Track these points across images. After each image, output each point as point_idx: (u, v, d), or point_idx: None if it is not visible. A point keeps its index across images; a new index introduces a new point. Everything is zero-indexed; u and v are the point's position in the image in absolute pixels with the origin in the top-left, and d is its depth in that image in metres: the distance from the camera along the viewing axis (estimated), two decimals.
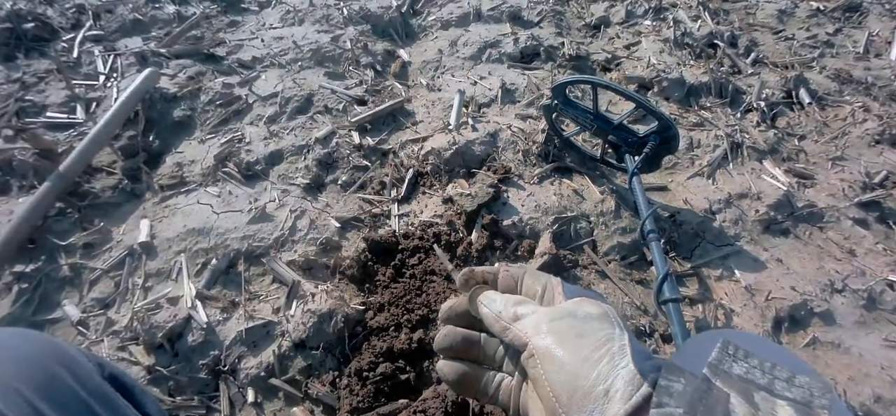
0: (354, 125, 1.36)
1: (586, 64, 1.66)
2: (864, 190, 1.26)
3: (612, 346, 0.32)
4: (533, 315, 0.37)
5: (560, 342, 0.33)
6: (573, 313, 0.35)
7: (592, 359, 0.31)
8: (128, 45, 1.61)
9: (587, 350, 0.32)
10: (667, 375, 0.29)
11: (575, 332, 0.33)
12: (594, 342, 0.32)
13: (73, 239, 1.07)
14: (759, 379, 0.29)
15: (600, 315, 0.35)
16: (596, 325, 0.34)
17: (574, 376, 0.31)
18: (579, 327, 0.34)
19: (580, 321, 0.34)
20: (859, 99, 1.54)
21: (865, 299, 1.03)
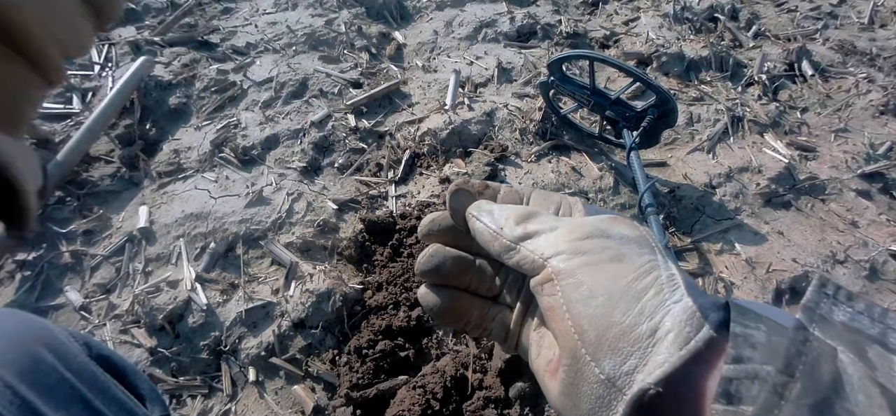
0: (350, 108, 1.35)
1: (584, 41, 1.64)
2: (867, 161, 1.24)
3: (659, 275, 0.24)
4: (550, 232, 0.27)
5: (590, 265, 0.25)
6: (605, 231, 0.27)
7: (634, 289, 0.24)
8: (121, 34, 1.60)
9: (628, 278, 0.24)
10: (741, 318, 0.22)
11: (609, 255, 0.25)
12: (635, 269, 0.24)
13: (73, 227, 1.07)
14: (870, 328, 0.21)
15: (639, 238, 0.27)
16: (635, 249, 0.26)
17: (609, 308, 0.23)
18: (615, 249, 0.26)
19: (616, 242, 0.26)
20: (863, 70, 1.52)
21: (867, 269, 1.02)
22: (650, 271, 0.24)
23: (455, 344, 0.90)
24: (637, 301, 0.23)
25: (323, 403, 0.83)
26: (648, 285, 0.24)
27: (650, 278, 0.24)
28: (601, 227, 0.27)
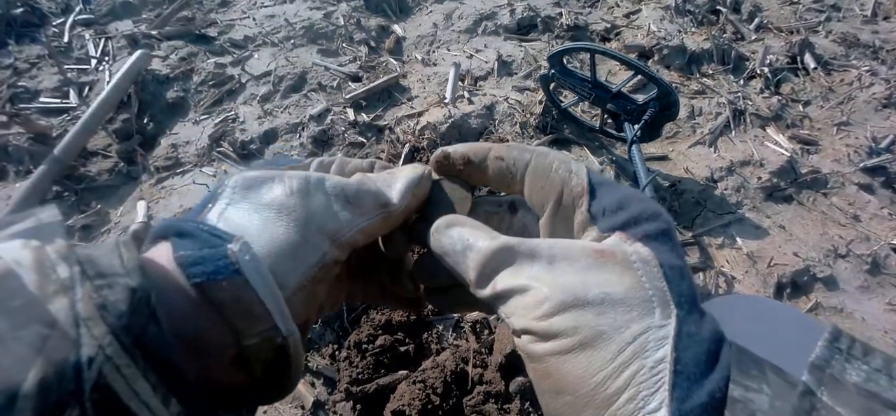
0: (349, 102, 1.34)
1: (585, 34, 1.62)
2: (869, 155, 1.23)
3: (641, 365, 0.20)
4: (520, 296, 0.23)
5: (559, 354, 0.21)
6: (581, 296, 0.22)
7: (604, 394, 0.20)
8: (118, 27, 1.59)
9: (599, 375, 0.20)
10: (742, 378, 0.19)
11: (581, 338, 0.21)
12: (611, 359, 0.20)
13: (71, 222, 1.07)
14: (887, 391, 0.19)
15: (629, 290, 0.22)
16: (620, 317, 0.21)
17: (576, 412, 0.21)
18: (590, 329, 0.21)
19: (593, 314, 0.21)
20: (866, 63, 1.50)
21: (869, 263, 1.02)
22: (631, 362, 0.20)
23: (455, 339, 0.90)
24: (605, 409, 0.20)
25: (323, 398, 0.83)
26: (623, 385, 0.20)
27: (628, 373, 0.20)
28: (576, 288, 0.22)
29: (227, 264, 0.21)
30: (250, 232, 0.24)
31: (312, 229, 0.25)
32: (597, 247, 0.24)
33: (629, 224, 0.25)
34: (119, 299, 0.18)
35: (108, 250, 0.20)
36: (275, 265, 0.24)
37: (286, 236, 0.25)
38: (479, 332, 0.90)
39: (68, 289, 0.18)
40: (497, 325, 0.88)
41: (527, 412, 0.79)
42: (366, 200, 0.28)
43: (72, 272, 0.18)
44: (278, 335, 0.22)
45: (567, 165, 0.27)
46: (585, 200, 0.26)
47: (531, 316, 0.22)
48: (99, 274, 0.19)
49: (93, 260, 0.19)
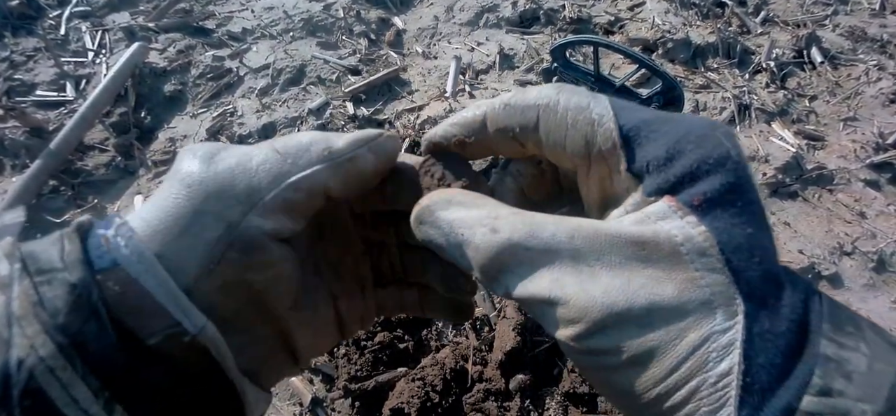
0: (349, 95, 1.33)
1: (588, 27, 1.60)
2: (876, 151, 1.22)
3: (701, 376, 0.17)
4: (544, 306, 0.19)
5: (605, 373, 0.19)
6: (622, 310, 0.18)
7: (662, 407, 0.17)
8: (115, 20, 1.57)
9: (650, 392, 0.17)
10: (836, 334, 0.17)
11: (629, 355, 0.18)
12: (664, 374, 0.17)
13: (68, 216, 1.06)
14: None
15: (681, 291, 0.17)
16: (673, 325, 0.17)
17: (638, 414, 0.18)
18: (637, 341, 0.17)
19: (637, 325, 0.18)
20: (874, 57, 1.48)
21: (875, 261, 1.00)
22: (689, 378, 0.17)
23: (455, 336, 0.89)
24: None
25: (321, 395, 0.82)
26: (679, 403, 0.17)
27: (686, 390, 0.17)
28: (616, 303, 0.18)
29: (103, 254, 0.18)
30: (142, 210, 0.20)
31: (210, 195, 0.20)
32: (633, 235, 0.18)
33: (683, 183, 0.19)
34: (57, 296, 0.17)
35: (50, 244, 0.18)
36: (162, 246, 0.19)
37: (174, 208, 0.20)
38: (479, 329, 0.89)
39: (6, 287, 0.17)
40: (497, 322, 0.87)
41: (527, 409, 0.78)
42: (299, 147, 0.22)
43: (11, 269, 0.17)
44: (184, 333, 0.18)
45: (586, 113, 0.21)
46: (621, 160, 0.20)
47: (565, 334, 0.19)
48: (39, 270, 0.17)
49: (34, 255, 0.18)
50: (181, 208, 0.20)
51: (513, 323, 0.84)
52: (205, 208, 0.20)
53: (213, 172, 0.20)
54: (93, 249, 0.19)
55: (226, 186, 0.20)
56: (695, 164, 0.19)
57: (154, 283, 0.18)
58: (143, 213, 0.20)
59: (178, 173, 0.21)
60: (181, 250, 0.19)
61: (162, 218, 0.20)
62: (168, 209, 0.20)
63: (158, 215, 0.20)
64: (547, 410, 0.79)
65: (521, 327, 0.83)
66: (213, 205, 0.20)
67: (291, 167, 0.21)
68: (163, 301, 0.18)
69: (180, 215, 0.20)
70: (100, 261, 0.18)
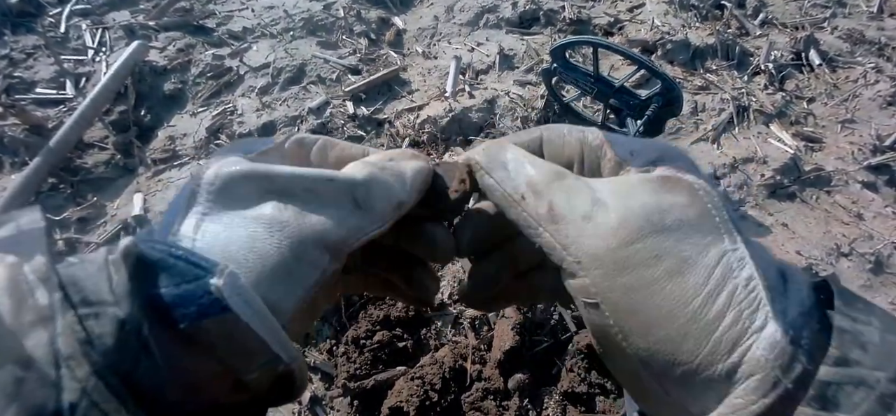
0: (349, 95, 1.33)
1: (588, 28, 1.60)
2: (874, 153, 1.22)
3: (736, 285, 0.19)
4: (584, 223, 0.21)
5: (643, 288, 0.20)
6: (658, 224, 0.20)
7: (705, 319, 0.19)
8: (115, 18, 1.57)
9: (695, 302, 0.19)
10: (848, 309, 0.18)
11: (667, 267, 0.19)
12: (703, 283, 0.19)
13: (67, 214, 1.06)
14: None
15: (701, 216, 0.21)
16: (699, 240, 0.20)
17: (675, 345, 0.19)
18: (675, 256, 0.20)
19: (674, 239, 0.20)
20: (872, 60, 1.49)
21: (872, 262, 1.01)
22: (723, 284, 0.19)
23: (454, 335, 0.89)
24: (708, 336, 0.18)
25: (320, 393, 0.82)
26: (722, 309, 0.19)
27: (724, 295, 0.19)
28: (652, 214, 0.20)
29: (213, 302, 0.18)
30: (235, 254, 0.20)
31: (309, 245, 0.22)
32: (660, 174, 0.22)
33: (667, 159, 0.23)
34: (105, 333, 0.16)
35: (96, 271, 0.17)
36: (268, 292, 0.20)
37: (279, 256, 0.21)
38: (477, 328, 0.89)
39: (48, 320, 0.16)
40: (496, 321, 0.87)
41: (525, 409, 0.78)
42: (379, 203, 0.24)
43: (52, 299, 0.16)
44: (279, 364, 0.20)
45: (578, 127, 0.26)
46: (608, 148, 0.25)
47: (603, 244, 0.20)
48: (84, 300, 0.16)
49: (77, 283, 0.17)
50: (284, 256, 0.21)
51: (512, 323, 0.84)
52: (304, 257, 0.22)
53: (310, 226, 0.22)
54: (196, 296, 0.18)
55: (321, 238, 0.22)
56: (665, 151, 0.24)
57: (261, 326, 0.19)
58: (240, 258, 0.21)
59: (266, 219, 0.22)
60: (282, 295, 0.21)
61: (265, 264, 0.21)
62: (270, 256, 0.21)
63: (261, 261, 0.21)
64: (545, 409, 0.79)
65: (519, 326, 0.84)
66: (311, 254, 0.22)
67: (369, 224, 0.24)
68: (267, 340, 0.19)
69: (282, 263, 0.21)
70: (210, 309, 0.18)
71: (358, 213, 0.23)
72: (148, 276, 0.18)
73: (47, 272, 0.17)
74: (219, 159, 0.23)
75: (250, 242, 0.21)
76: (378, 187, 0.24)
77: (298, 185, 0.23)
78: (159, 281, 0.18)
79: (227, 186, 0.22)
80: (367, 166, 0.25)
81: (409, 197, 0.25)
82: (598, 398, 0.79)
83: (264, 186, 0.22)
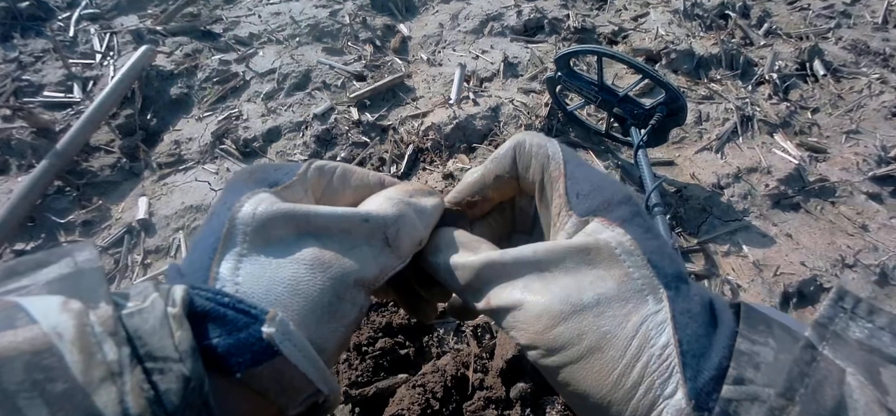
0: (353, 101, 1.33)
1: (592, 36, 1.61)
2: (878, 164, 1.22)
3: (649, 352, 0.21)
4: (518, 311, 0.23)
5: (570, 365, 0.22)
6: (576, 301, 0.22)
7: (621, 390, 0.21)
8: (124, 23, 1.59)
9: (613, 375, 0.21)
10: (749, 332, 0.20)
11: (588, 344, 0.21)
12: (620, 356, 0.21)
13: (72, 217, 1.07)
14: (889, 347, 0.19)
15: (619, 283, 0.22)
16: (618, 311, 0.22)
17: (602, 412, 0.21)
18: (592, 328, 0.21)
19: (592, 314, 0.22)
20: (876, 71, 1.49)
21: (877, 274, 1.00)
22: (639, 354, 0.21)
23: (456, 343, 0.89)
24: (627, 403, 0.20)
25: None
26: (637, 379, 0.20)
27: (639, 367, 0.20)
28: (571, 295, 0.22)
29: (265, 349, 0.19)
30: (279, 296, 0.21)
31: (350, 284, 0.23)
32: (581, 244, 0.24)
33: (605, 208, 0.25)
34: (172, 390, 0.16)
35: (158, 324, 0.17)
36: (313, 332, 0.21)
37: (322, 297, 0.22)
38: (480, 336, 0.89)
39: (116, 376, 0.16)
40: (498, 330, 0.87)
41: None
42: (405, 240, 0.25)
43: (120, 355, 0.16)
44: (321, 397, 0.22)
45: (543, 148, 0.27)
46: (562, 183, 0.26)
47: (533, 331, 0.23)
48: (149, 355, 0.17)
49: (142, 338, 0.17)
50: (327, 297, 0.22)
51: None
52: (346, 297, 0.23)
53: (350, 266, 0.23)
54: (248, 343, 0.19)
55: (360, 277, 0.24)
56: (610, 196, 0.25)
57: (310, 367, 0.20)
58: (285, 300, 0.21)
59: (308, 261, 0.22)
60: (327, 333, 0.22)
61: (310, 307, 0.22)
62: (314, 298, 0.22)
63: (306, 304, 0.22)
64: None
65: None
66: (352, 294, 0.23)
67: (397, 260, 0.26)
68: (313, 378, 0.21)
69: (327, 304, 0.22)
70: (262, 356, 0.19)
71: (387, 251, 0.25)
72: (197, 325, 0.19)
73: (114, 325, 0.17)
74: (248, 195, 0.23)
75: (294, 284, 0.22)
76: (405, 228, 0.26)
77: (336, 226, 0.24)
78: (209, 331, 0.19)
79: (264, 226, 0.22)
80: (397, 205, 0.26)
81: (427, 234, 0.27)
82: None
83: (302, 227, 0.23)
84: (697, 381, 0.19)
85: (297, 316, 0.21)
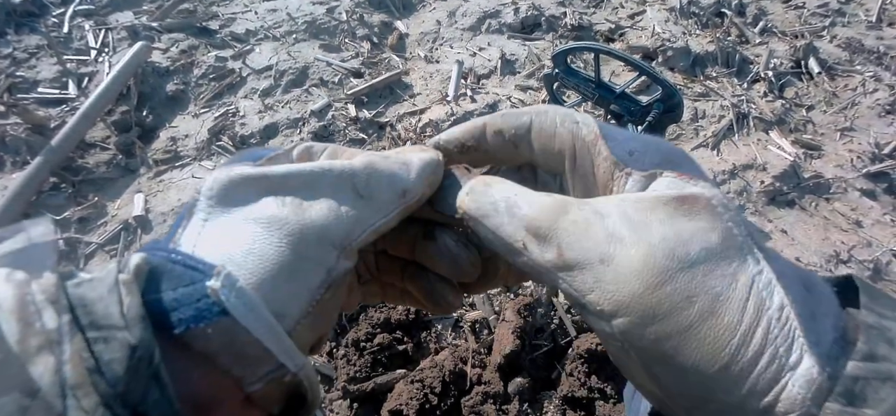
0: (351, 98, 1.33)
1: (589, 34, 1.61)
2: (872, 161, 1.23)
3: (767, 315, 0.17)
4: (601, 265, 0.19)
5: (677, 336, 0.18)
6: (683, 256, 0.18)
7: (740, 362, 0.17)
8: (119, 19, 1.58)
9: (730, 345, 0.17)
10: (874, 304, 0.18)
11: (700, 306, 0.18)
12: (737, 319, 0.17)
13: (68, 213, 1.06)
14: None
15: (724, 240, 0.19)
16: (726, 270, 0.18)
17: (708, 388, 0.18)
18: (704, 289, 0.18)
19: (700, 273, 0.18)
20: (870, 69, 1.50)
21: (871, 269, 1.01)
22: (758, 318, 0.17)
23: (454, 339, 0.89)
24: (745, 378, 0.17)
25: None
26: (759, 348, 0.17)
27: (760, 332, 0.17)
28: (676, 248, 0.18)
29: (210, 305, 0.17)
30: (234, 256, 0.19)
31: (312, 241, 0.20)
32: (675, 194, 0.20)
33: (673, 165, 0.21)
34: (115, 359, 0.15)
35: (106, 291, 0.16)
36: (270, 294, 0.19)
37: (279, 255, 0.20)
38: (478, 332, 0.89)
39: (55, 344, 0.15)
40: (496, 326, 0.87)
41: (525, 413, 0.78)
42: (380, 189, 0.22)
43: (60, 322, 0.15)
44: (286, 374, 0.19)
45: (571, 116, 0.24)
46: (603, 146, 0.22)
47: (628, 292, 0.18)
48: (93, 324, 0.16)
49: (87, 305, 0.16)
50: (284, 255, 0.20)
51: (512, 327, 0.84)
52: (308, 255, 0.20)
53: (310, 220, 0.21)
54: (191, 300, 0.18)
55: (324, 233, 0.21)
56: (669, 152, 0.22)
57: (264, 331, 0.18)
58: (239, 259, 0.19)
59: (265, 219, 0.20)
60: (285, 297, 0.20)
61: (265, 266, 0.19)
62: (270, 257, 0.20)
63: (259, 263, 0.19)
64: (545, 413, 0.79)
65: (520, 330, 0.84)
66: (315, 252, 0.21)
67: (373, 213, 0.22)
68: (270, 347, 0.18)
69: (284, 263, 0.20)
70: (207, 313, 0.17)
71: (360, 203, 0.22)
72: (150, 285, 0.18)
73: (56, 293, 0.16)
74: (222, 168, 0.22)
75: (249, 242, 0.20)
76: (379, 175, 0.23)
77: (295, 180, 0.21)
78: (161, 287, 0.18)
79: (225, 190, 0.21)
80: (368, 155, 0.24)
81: (415, 186, 0.23)
82: (597, 402, 0.79)
83: (263, 185, 0.21)
84: (821, 347, 0.17)
85: (252, 276, 0.19)
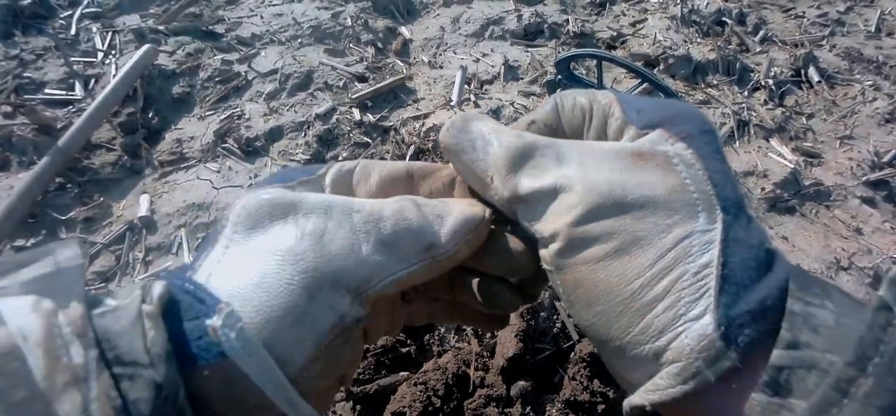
0: (355, 102, 1.34)
1: (591, 41, 1.63)
2: (872, 169, 1.24)
3: (684, 271, 0.18)
4: (548, 199, 0.21)
5: (591, 263, 0.19)
6: (621, 200, 0.19)
7: (640, 302, 0.18)
8: (126, 21, 1.59)
9: (635, 283, 0.18)
10: (802, 293, 0.17)
11: (617, 244, 0.19)
12: (649, 265, 0.18)
13: (73, 214, 1.07)
14: None
15: (671, 192, 0.19)
16: (661, 221, 0.19)
17: (607, 322, 0.19)
18: (627, 233, 0.19)
19: (632, 217, 0.19)
20: (869, 78, 1.51)
21: (871, 276, 1.02)
22: (671, 268, 0.18)
23: (457, 341, 0.90)
24: (641, 317, 0.18)
25: None
26: (661, 293, 0.18)
27: (667, 280, 0.18)
28: (614, 189, 0.20)
29: (209, 345, 0.16)
30: (244, 289, 0.18)
31: (325, 284, 0.19)
32: (634, 147, 0.21)
33: (668, 122, 0.22)
34: (141, 399, 0.15)
35: (129, 324, 0.16)
36: (275, 336, 0.18)
37: (288, 295, 0.18)
38: (481, 335, 0.89)
39: (82, 381, 0.14)
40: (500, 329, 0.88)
41: None
42: (405, 242, 0.21)
43: (86, 358, 0.15)
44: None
45: (589, 91, 0.25)
46: (617, 107, 0.23)
47: (562, 221, 0.20)
48: (118, 359, 0.15)
49: (111, 339, 0.15)
50: (295, 295, 0.18)
51: (515, 329, 0.84)
52: (319, 298, 0.19)
53: (327, 259, 0.19)
54: (192, 337, 0.17)
55: (339, 276, 0.20)
56: (676, 112, 0.23)
57: (265, 378, 0.17)
58: (247, 293, 0.18)
59: (281, 251, 0.19)
60: (293, 340, 0.18)
61: (273, 305, 0.18)
62: (279, 295, 0.18)
63: (268, 300, 0.18)
64: None
65: (523, 333, 0.84)
66: (328, 296, 0.19)
67: (396, 263, 0.21)
68: (272, 396, 0.17)
69: (294, 304, 0.18)
70: (205, 354, 0.16)
71: (383, 251, 0.21)
72: (169, 312, 0.17)
73: (83, 325, 0.15)
74: (253, 191, 0.21)
75: (260, 276, 0.18)
76: (407, 224, 0.21)
77: (320, 213, 0.20)
78: (167, 319, 0.17)
79: (250, 215, 0.20)
80: (403, 201, 0.22)
81: (445, 243, 0.22)
82: (600, 406, 0.79)
83: (288, 213, 0.20)
84: (732, 310, 0.17)
85: (257, 315, 0.18)
